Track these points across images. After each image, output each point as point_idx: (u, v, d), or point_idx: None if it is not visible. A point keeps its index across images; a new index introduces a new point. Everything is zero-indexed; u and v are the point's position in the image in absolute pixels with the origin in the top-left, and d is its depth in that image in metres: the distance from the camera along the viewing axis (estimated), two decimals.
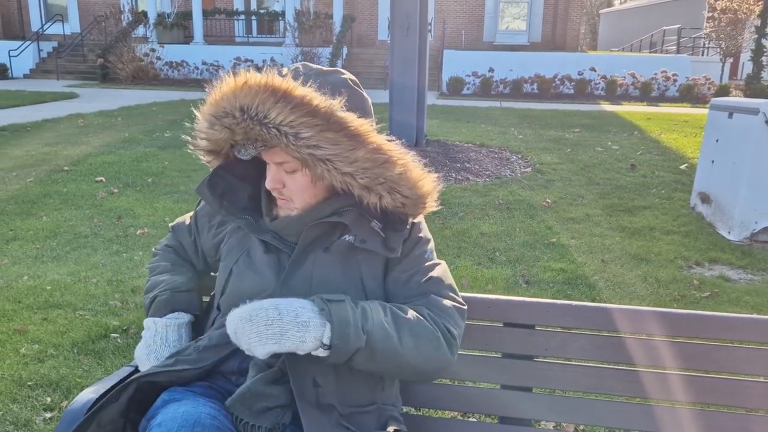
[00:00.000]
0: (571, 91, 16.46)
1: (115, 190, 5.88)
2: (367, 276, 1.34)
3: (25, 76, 19.14)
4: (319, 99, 1.24)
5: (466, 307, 1.38)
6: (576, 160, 7.43)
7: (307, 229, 1.34)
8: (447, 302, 1.33)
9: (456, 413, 2.17)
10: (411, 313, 1.26)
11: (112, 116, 10.94)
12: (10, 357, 2.80)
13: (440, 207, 1.48)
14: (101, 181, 6.23)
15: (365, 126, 1.28)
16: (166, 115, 11.19)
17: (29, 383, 2.57)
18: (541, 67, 16.89)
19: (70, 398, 2.46)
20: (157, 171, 6.65)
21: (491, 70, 16.98)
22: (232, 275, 1.36)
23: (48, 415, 2.36)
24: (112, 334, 3.03)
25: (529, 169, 6.99)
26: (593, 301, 3.54)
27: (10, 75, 18.99)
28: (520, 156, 7.67)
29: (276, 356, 1.25)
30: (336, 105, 1.25)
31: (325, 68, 1.39)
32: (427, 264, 1.37)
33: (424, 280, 1.34)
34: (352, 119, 1.27)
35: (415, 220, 1.42)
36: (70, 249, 4.31)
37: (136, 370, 1.69)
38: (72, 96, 14.18)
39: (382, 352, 1.21)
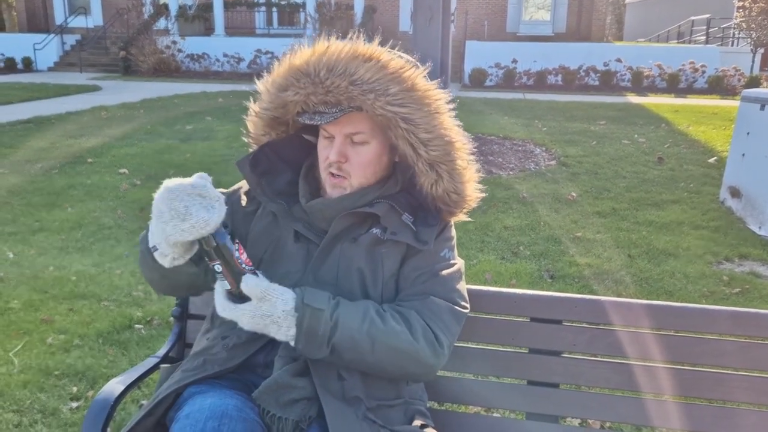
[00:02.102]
0: (597, 83, 16.22)
1: (138, 182, 5.93)
2: (387, 270, 1.33)
3: (49, 69, 19.38)
4: (403, 63, 1.29)
5: (466, 311, 1.35)
6: (602, 152, 7.32)
7: (338, 219, 1.32)
8: (444, 305, 1.30)
9: (480, 408, 2.14)
10: (391, 323, 1.24)
11: (134, 108, 11.03)
12: (37, 346, 2.83)
13: (469, 219, 1.47)
14: (124, 173, 6.29)
15: (445, 98, 1.32)
16: (188, 107, 11.25)
17: (56, 372, 2.60)
18: (566, 58, 16.66)
19: (96, 388, 2.48)
20: (179, 163, 6.69)
21: (514, 61, 16.79)
22: (262, 264, 1.35)
23: (75, 404, 2.38)
24: (136, 325, 3.05)
25: (553, 162, 6.91)
26: (620, 296, 3.48)
27: (35, 68, 19.25)
28: (544, 148, 7.58)
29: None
30: (420, 71, 1.30)
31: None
32: (438, 264, 1.34)
33: (428, 280, 1.32)
34: (434, 87, 1.31)
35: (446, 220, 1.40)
36: (94, 240, 4.35)
37: (161, 361, 1.69)
38: (95, 89, 14.33)
39: (350, 362, 1.23)
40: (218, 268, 1.16)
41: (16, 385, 2.49)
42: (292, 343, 1.20)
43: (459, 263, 1.40)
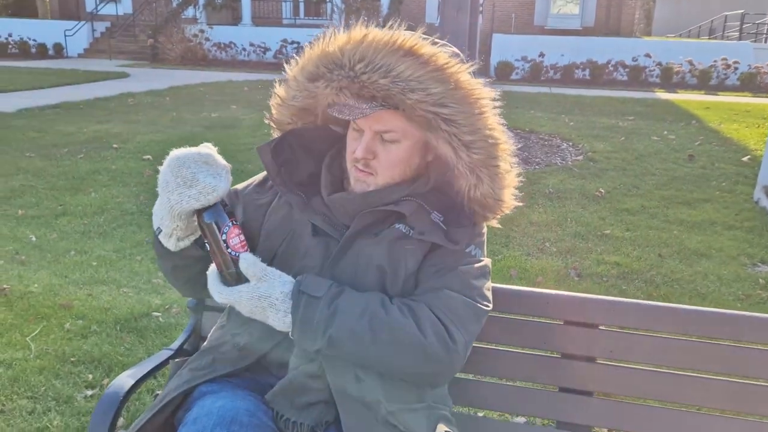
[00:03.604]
0: (625, 78, 15.92)
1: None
2: (410, 268, 1.24)
3: (79, 56, 19.57)
4: (446, 58, 1.18)
5: (487, 309, 1.25)
6: (630, 149, 7.15)
7: (360, 215, 1.24)
8: (459, 299, 1.20)
9: (507, 414, 2.06)
10: (395, 314, 1.15)
11: (160, 96, 11.07)
12: (55, 332, 2.80)
13: (499, 226, 1.38)
14: (148, 159, 6.28)
15: (490, 96, 1.22)
16: (213, 95, 11.26)
17: (72, 359, 2.57)
18: (594, 53, 16.36)
19: (111, 376, 2.44)
20: None
21: (542, 54, 16.54)
22: (277, 259, 1.27)
23: (89, 392, 2.35)
24: (154, 313, 3.02)
25: (580, 157, 6.76)
26: (649, 297, 3.36)
27: (66, 54, 19.46)
28: (571, 143, 7.42)
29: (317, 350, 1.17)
30: (465, 67, 1.19)
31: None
32: (462, 260, 1.25)
33: (446, 274, 1.22)
34: (479, 85, 1.21)
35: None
36: (116, 225, 4.33)
37: (175, 354, 1.64)
38: (123, 75, 14.42)
39: (350, 355, 1.14)
40: (206, 245, 1.11)
41: (32, 371, 2.47)
42: (290, 333, 1.14)
43: (485, 262, 1.30)
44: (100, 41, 19.93)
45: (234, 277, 1.12)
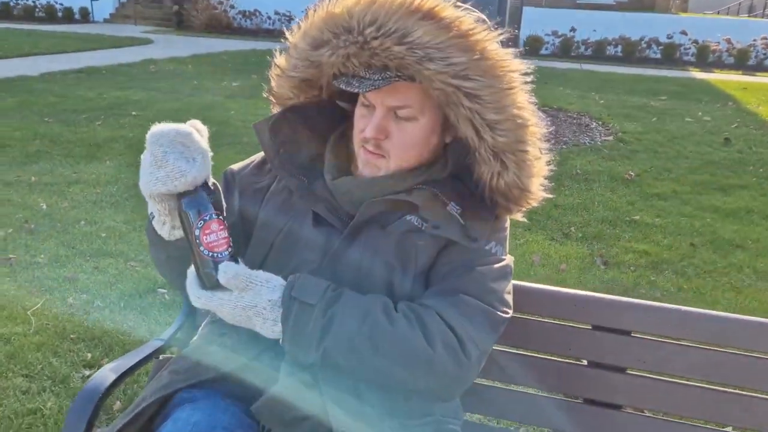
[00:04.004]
0: (658, 56, 15.42)
1: None
2: (420, 265, 1.09)
3: (105, 21, 19.52)
4: (471, 23, 1.03)
5: (506, 317, 1.09)
6: (662, 130, 6.87)
7: (366, 205, 1.09)
8: (476, 305, 1.05)
9: (527, 426, 1.91)
10: (401, 324, 1.00)
11: (183, 63, 10.96)
12: (58, 306, 2.72)
13: (524, 220, 1.22)
14: None
15: (521, 70, 1.07)
16: (236, 64, 11.12)
17: (72, 336, 2.48)
18: (627, 29, 15.85)
19: (110, 356, 2.35)
20: (222, 120, 6.54)
21: (573, 29, 16.07)
22: (273, 250, 1.13)
23: (87, 372, 2.26)
24: (160, 290, 2.92)
25: (610, 138, 6.50)
26: (680, 290, 3.18)
27: (91, 19, 19.41)
28: (600, 123, 7.15)
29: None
30: (492, 35, 1.04)
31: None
32: (480, 258, 1.09)
33: (461, 275, 1.07)
34: (509, 56, 1.06)
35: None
36: (128, 196, 4.24)
37: (166, 344, 1.51)
38: (147, 41, 14.33)
39: (349, 370, 1.01)
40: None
41: (30, 348, 2.38)
42: (280, 342, 1.01)
43: (506, 261, 1.14)
44: (125, 6, 19.84)
45: (211, 281, 0.98)
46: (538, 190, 1.14)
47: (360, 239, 1.10)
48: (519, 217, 1.20)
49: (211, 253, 0.97)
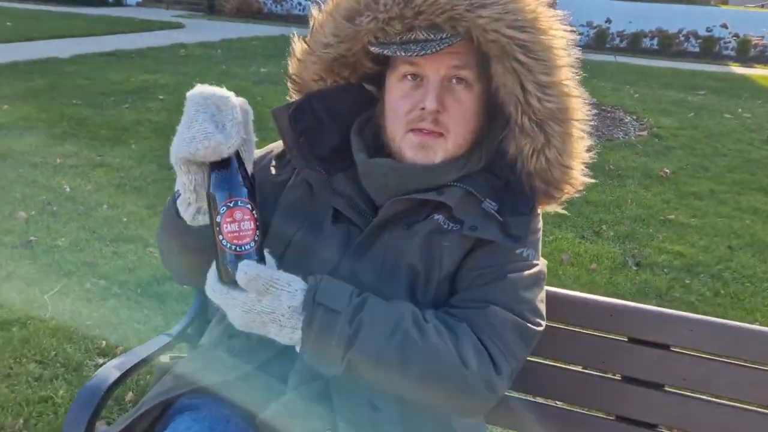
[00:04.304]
0: (696, 49, 14.99)
1: None
2: (445, 268, 1.00)
3: (138, 4, 19.63)
4: None
5: (539, 330, 1.00)
6: (700, 126, 6.64)
7: (390, 203, 1.00)
8: (508, 319, 0.96)
9: None
10: (433, 338, 0.91)
11: (212, 48, 10.95)
12: (75, 291, 2.69)
13: (564, 212, 1.13)
14: None
15: (569, 40, 1.01)
16: (265, 50, 11.08)
17: (88, 323, 2.45)
18: (665, 21, 15.43)
19: (125, 344, 2.31)
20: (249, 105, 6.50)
21: (608, 21, 15.71)
22: (290, 249, 1.04)
23: (101, 360, 2.22)
24: None
25: (644, 133, 6.31)
26: (716, 295, 3.04)
27: (124, 2, 19.55)
28: (635, 117, 6.95)
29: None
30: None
31: None
32: (511, 264, 1.00)
33: (490, 282, 0.98)
34: (559, 24, 1.01)
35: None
36: (152, 181, 4.21)
37: (175, 340, 1.45)
38: (178, 26, 14.38)
39: (373, 383, 0.93)
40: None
41: (45, 333, 2.36)
42: (297, 349, 0.92)
43: (539, 266, 1.05)
44: None
45: (229, 276, 0.88)
46: (579, 174, 1.06)
47: (382, 239, 1.02)
48: (557, 207, 1.11)
49: (230, 245, 0.87)
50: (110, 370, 1.26)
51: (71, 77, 7.52)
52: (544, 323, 1.01)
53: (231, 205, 0.86)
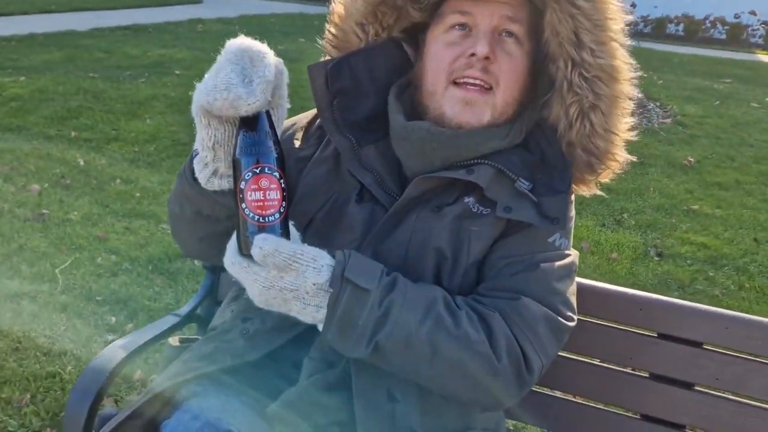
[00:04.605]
0: (723, 36, 14.67)
1: None
2: (473, 254, 0.94)
3: None
4: None
5: (571, 324, 0.94)
6: (725, 114, 6.48)
7: (416, 181, 0.93)
8: (540, 312, 0.89)
9: None
10: (465, 325, 0.85)
11: (230, 23, 10.86)
12: (86, 266, 2.66)
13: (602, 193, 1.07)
14: None
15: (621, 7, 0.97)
16: (283, 27, 10.99)
17: (98, 298, 2.42)
18: (691, 6, 15.09)
19: (134, 321, 2.28)
20: None
21: (633, 5, 15.35)
22: (312, 226, 0.98)
23: (110, 337, 2.19)
24: None
25: (668, 120, 6.16)
26: (741, 288, 2.96)
27: None
28: (658, 104, 6.78)
29: (337, 355, 0.89)
30: None
31: None
32: (542, 252, 0.93)
33: (521, 272, 0.91)
34: None
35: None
36: (165, 156, 4.17)
37: (183, 321, 1.40)
38: (196, 1, 14.28)
39: (397, 369, 0.87)
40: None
41: (55, 307, 2.33)
42: (320, 328, 0.86)
43: (572, 257, 0.99)
44: None
45: (249, 248, 0.81)
46: (622, 150, 1.01)
47: (409, 220, 0.95)
48: (594, 188, 1.05)
49: (253, 215, 0.80)
50: (116, 350, 1.21)
51: (88, 50, 7.48)
52: (575, 317, 0.95)
53: (257, 171, 0.79)
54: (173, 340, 1.10)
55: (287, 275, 0.81)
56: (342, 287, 0.83)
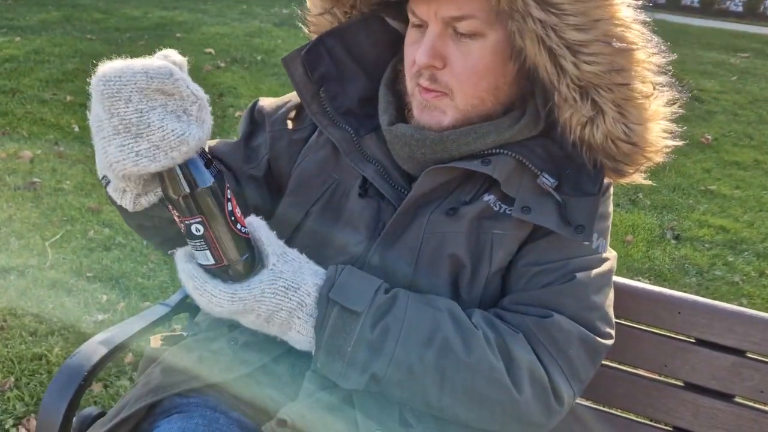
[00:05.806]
0: (740, 9, 14.34)
1: (222, 65, 5.55)
2: (497, 261, 0.81)
3: None
4: None
5: (609, 343, 0.81)
6: (743, 90, 6.29)
7: (426, 173, 0.80)
8: (575, 332, 0.77)
9: None
10: (479, 351, 0.73)
11: None
12: (77, 239, 2.54)
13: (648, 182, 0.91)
14: (210, 53, 5.91)
15: None
16: None
17: (89, 274, 2.30)
18: None
19: (126, 301, 2.16)
20: (268, 49, 6.24)
21: None
22: (309, 220, 0.86)
23: (100, 317, 2.08)
24: None
25: (684, 96, 5.97)
26: (761, 275, 2.83)
27: None
28: (673, 79, 6.57)
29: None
30: None
31: None
32: (577, 259, 0.80)
33: (554, 283, 0.79)
34: None
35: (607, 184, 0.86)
36: None
37: (173, 311, 1.28)
38: None
39: (403, 401, 0.76)
40: (197, 228, 0.68)
41: (43, 284, 2.21)
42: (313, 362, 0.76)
43: (611, 260, 0.86)
44: None
45: (246, 267, 0.72)
46: (657, 139, 0.84)
47: (420, 221, 0.82)
48: (639, 178, 0.89)
49: (245, 229, 0.73)
50: (95, 347, 1.09)
51: (87, 10, 7.27)
52: (613, 334, 0.83)
53: (213, 184, 0.69)
54: (154, 341, 0.98)
55: (286, 268, 0.74)
56: (328, 309, 0.73)
